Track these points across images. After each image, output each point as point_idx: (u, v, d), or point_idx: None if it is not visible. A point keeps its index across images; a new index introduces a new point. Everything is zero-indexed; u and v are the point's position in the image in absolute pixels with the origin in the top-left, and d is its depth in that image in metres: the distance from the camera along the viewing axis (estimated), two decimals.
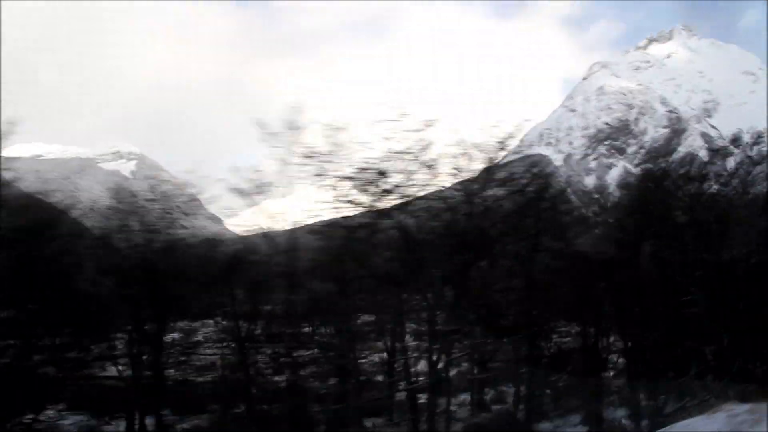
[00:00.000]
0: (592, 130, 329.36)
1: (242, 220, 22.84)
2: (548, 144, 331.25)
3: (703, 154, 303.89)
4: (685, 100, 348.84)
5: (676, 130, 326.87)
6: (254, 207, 21.33)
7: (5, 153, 19.80)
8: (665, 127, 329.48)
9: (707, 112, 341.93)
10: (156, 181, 21.45)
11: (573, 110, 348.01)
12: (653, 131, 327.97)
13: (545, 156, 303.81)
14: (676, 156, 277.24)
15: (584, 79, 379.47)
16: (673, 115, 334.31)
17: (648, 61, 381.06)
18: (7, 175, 19.08)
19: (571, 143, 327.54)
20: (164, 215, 21.39)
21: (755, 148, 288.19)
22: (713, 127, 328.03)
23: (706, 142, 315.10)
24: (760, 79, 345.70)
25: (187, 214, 23.28)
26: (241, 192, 20.85)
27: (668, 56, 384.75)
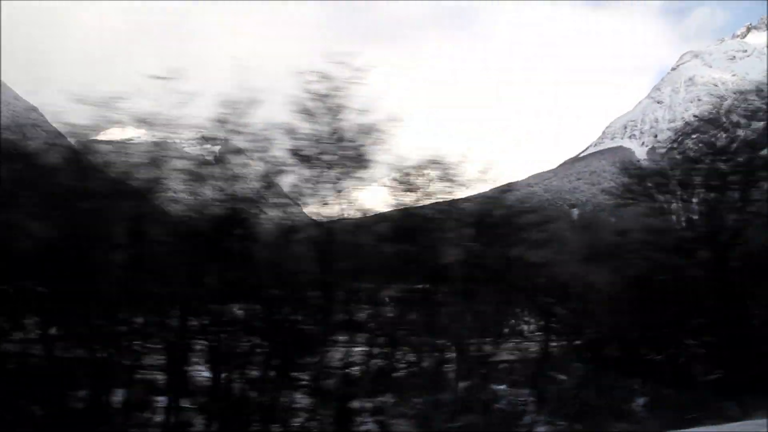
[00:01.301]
0: (679, 123, 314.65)
1: (318, 206, 22.53)
2: (631, 136, 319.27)
3: None
4: None
5: None
6: (331, 194, 21.27)
7: (97, 136, 20.39)
8: (760, 120, 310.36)
9: None
10: (235, 166, 21.36)
11: (660, 101, 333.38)
12: (746, 125, 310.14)
13: (627, 149, 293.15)
14: None
15: (673, 69, 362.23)
16: None
17: (745, 51, 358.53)
18: (96, 160, 19.56)
19: (655, 136, 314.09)
20: (240, 197, 21.43)
21: None
22: None
23: None
24: None
25: (264, 198, 23.12)
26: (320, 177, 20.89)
27: None
